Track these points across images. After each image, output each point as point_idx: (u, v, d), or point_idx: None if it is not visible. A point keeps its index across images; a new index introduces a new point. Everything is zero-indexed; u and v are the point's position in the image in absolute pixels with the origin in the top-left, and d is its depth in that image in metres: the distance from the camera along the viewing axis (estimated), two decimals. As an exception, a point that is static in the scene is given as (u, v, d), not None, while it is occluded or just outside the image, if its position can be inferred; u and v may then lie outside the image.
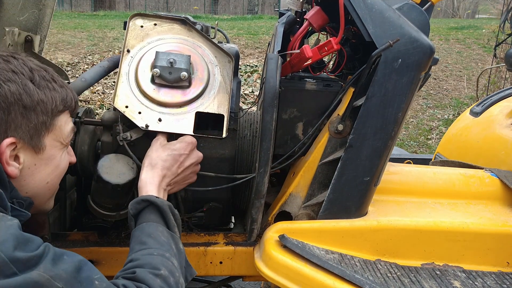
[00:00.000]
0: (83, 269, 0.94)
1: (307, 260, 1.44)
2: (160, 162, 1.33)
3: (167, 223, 1.23)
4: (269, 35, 9.92)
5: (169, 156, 1.35)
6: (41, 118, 1.09)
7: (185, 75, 1.41)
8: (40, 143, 1.11)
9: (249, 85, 7.75)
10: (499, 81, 7.20)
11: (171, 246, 1.17)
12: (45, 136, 1.12)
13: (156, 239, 1.15)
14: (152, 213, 1.22)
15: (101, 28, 11.56)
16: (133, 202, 1.24)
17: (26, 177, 1.10)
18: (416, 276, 1.51)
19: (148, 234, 1.16)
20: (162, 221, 1.22)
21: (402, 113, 1.48)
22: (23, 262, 0.85)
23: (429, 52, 1.43)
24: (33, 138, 1.09)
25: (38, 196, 1.16)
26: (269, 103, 1.41)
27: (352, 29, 1.60)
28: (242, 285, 2.36)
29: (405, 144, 6.45)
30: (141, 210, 1.23)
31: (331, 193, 1.54)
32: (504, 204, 1.84)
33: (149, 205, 1.23)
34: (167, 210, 1.23)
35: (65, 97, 1.15)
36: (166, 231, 1.20)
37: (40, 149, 1.11)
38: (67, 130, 1.18)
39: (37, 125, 1.09)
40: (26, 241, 0.89)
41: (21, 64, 1.09)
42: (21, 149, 1.07)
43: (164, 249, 1.14)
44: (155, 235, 1.16)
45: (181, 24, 1.57)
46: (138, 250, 1.13)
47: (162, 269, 1.06)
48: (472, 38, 11.86)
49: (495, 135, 2.29)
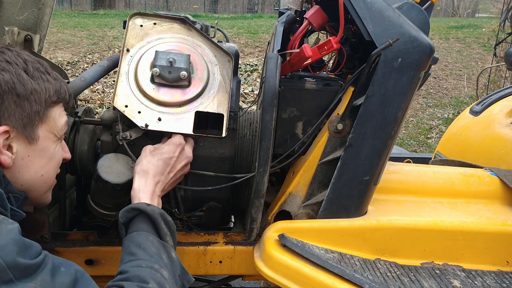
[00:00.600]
0: (79, 282, 0.93)
1: (306, 260, 1.44)
2: (151, 167, 1.32)
3: (159, 231, 1.21)
4: (269, 34, 9.92)
5: (160, 160, 1.34)
6: (34, 108, 1.09)
7: (185, 74, 1.41)
8: (34, 133, 1.11)
9: (249, 84, 7.74)
10: (499, 80, 7.20)
11: (162, 256, 1.15)
12: (39, 126, 1.12)
13: (145, 249, 1.14)
14: (143, 222, 1.21)
15: (101, 27, 11.56)
16: (123, 211, 1.23)
17: (20, 169, 1.10)
18: (416, 275, 1.51)
19: (138, 244, 1.15)
20: (153, 230, 1.20)
21: (402, 112, 1.48)
22: (21, 270, 0.84)
23: (429, 51, 1.43)
24: (26, 128, 1.09)
25: (33, 190, 1.16)
26: (268, 103, 1.41)
27: (352, 28, 1.60)
28: (242, 284, 2.36)
29: (405, 143, 6.45)
30: (132, 218, 1.22)
31: (331, 193, 1.54)
32: (504, 203, 1.84)
33: (140, 214, 1.22)
34: (158, 218, 1.21)
35: (58, 88, 1.16)
36: (156, 241, 1.18)
37: (34, 139, 1.11)
38: (61, 122, 1.18)
39: (30, 114, 1.09)
40: (26, 247, 0.89)
41: (15, 55, 1.10)
42: (15, 139, 1.07)
43: (153, 260, 1.12)
44: (144, 245, 1.15)
45: (181, 24, 1.57)
46: (127, 261, 1.11)
47: (150, 282, 1.05)
48: (472, 37, 11.86)
49: (495, 134, 2.29)
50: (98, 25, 11.99)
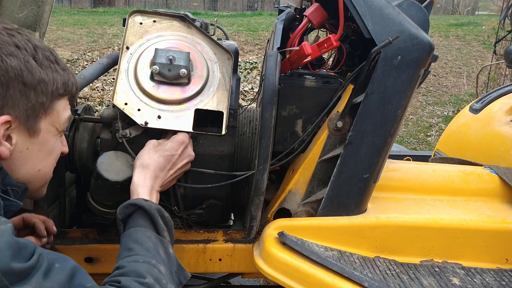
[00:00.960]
0: (75, 277, 0.91)
1: (306, 257, 1.44)
2: (152, 163, 1.32)
3: (156, 227, 1.20)
4: (269, 31, 9.91)
5: (161, 157, 1.34)
6: (40, 99, 1.04)
7: (185, 72, 1.41)
8: (36, 125, 1.05)
9: (249, 82, 7.74)
10: (498, 78, 7.20)
11: (159, 251, 1.15)
12: (42, 118, 1.06)
13: (143, 245, 1.13)
14: (141, 218, 1.20)
15: (101, 25, 11.54)
16: (122, 207, 1.22)
17: (17, 162, 1.05)
18: (415, 273, 1.52)
19: (135, 239, 1.14)
20: (151, 225, 1.19)
21: (401, 110, 1.48)
22: (15, 275, 0.82)
23: (429, 49, 1.43)
24: (29, 119, 1.03)
25: (29, 184, 1.11)
26: (268, 100, 1.41)
27: (352, 26, 1.60)
28: (241, 282, 2.36)
29: (404, 141, 6.45)
30: (130, 214, 1.21)
31: (330, 190, 1.54)
32: (503, 201, 1.84)
33: (138, 209, 1.21)
34: (156, 214, 1.21)
35: (66, 81, 1.10)
36: (154, 236, 1.18)
37: (35, 132, 1.05)
38: (64, 116, 1.14)
39: (35, 106, 1.03)
40: (20, 250, 0.85)
41: (25, 39, 1.03)
42: (15, 129, 1.01)
43: (151, 255, 1.11)
44: (142, 240, 1.14)
45: (180, 21, 1.56)
46: (125, 256, 1.10)
47: (147, 277, 1.04)
48: (472, 35, 11.84)
49: (494, 132, 2.29)
50: (97, 22, 11.98)
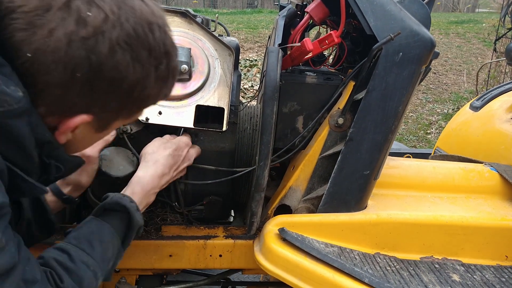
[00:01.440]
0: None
1: (306, 253, 1.44)
2: (161, 160, 1.32)
3: (125, 239, 1.16)
4: (269, 29, 9.89)
5: (170, 156, 1.34)
6: (133, 110, 0.94)
7: (186, 68, 1.41)
8: (109, 126, 0.95)
9: (249, 80, 7.73)
10: (499, 75, 7.20)
11: (110, 263, 1.09)
12: (119, 120, 0.95)
13: (104, 251, 1.07)
14: (121, 222, 1.15)
15: (100, 21, 11.50)
16: (112, 200, 1.16)
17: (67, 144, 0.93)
18: (415, 269, 1.52)
19: (101, 240, 1.08)
20: (122, 234, 1.15)
21: (402, 107, 1.48)
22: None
23: (430, 45, 1.43)
24: (107, 121, 0.93)
25: None
26: (269, 96, 1.41)
27: (353, 23, 1.59)
28: (242, 278, 2.37)
29: (404, 139, 6.45)
30: (114, 209, 1.16)
31: (331, 187, 1.54)
32: (503, 198, 1.84)
33: (124, 213, 1.16)
34: (135, 229, 1.17)
35: (167, 94, 0.99)
36: (117, 247, 1.13)
37: (103, 129, 0.95)
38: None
39: (123, 113, 0.92)
40: None
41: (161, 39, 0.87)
42: (87, 125, 0.89)
43: (102, 266, 1.05)
44: (106, 246, 1.08)
45: (182, 17, 1.56)
46: (82, 249, 1.03)
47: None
48: (472, 32, 11.83)
49: (494, 130, 2.29)
50: (97, 19, 11.93)
